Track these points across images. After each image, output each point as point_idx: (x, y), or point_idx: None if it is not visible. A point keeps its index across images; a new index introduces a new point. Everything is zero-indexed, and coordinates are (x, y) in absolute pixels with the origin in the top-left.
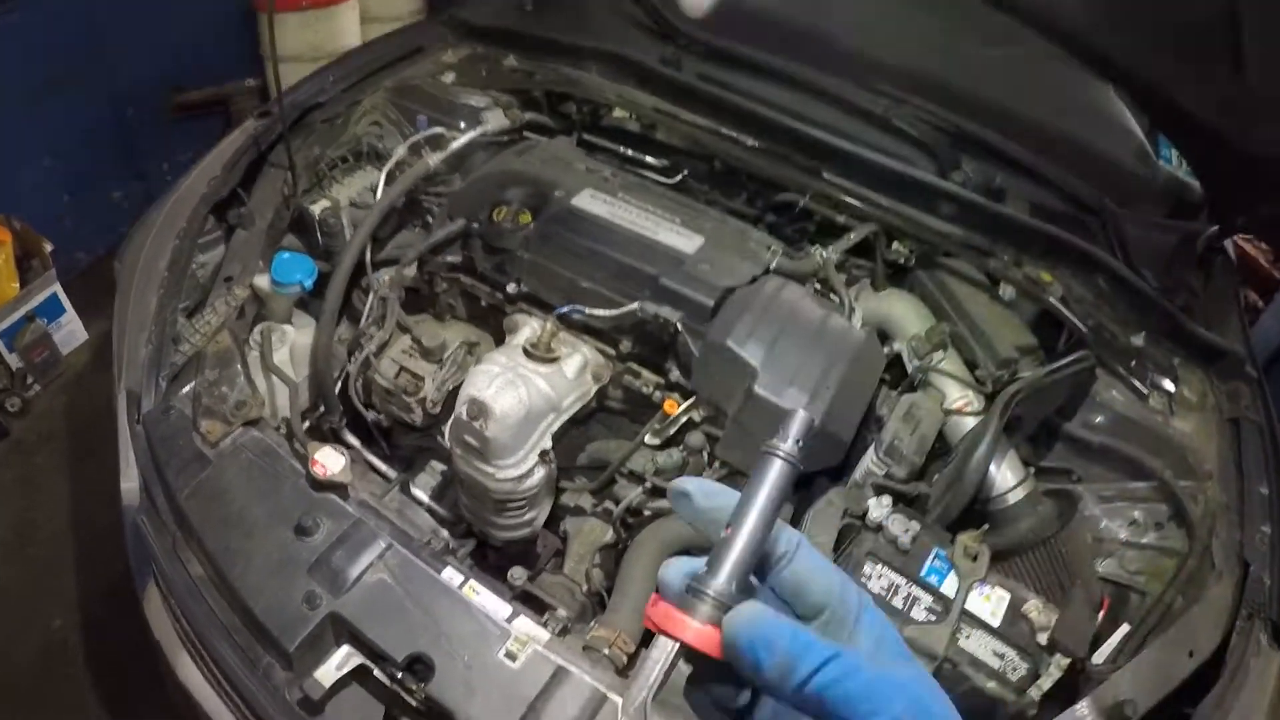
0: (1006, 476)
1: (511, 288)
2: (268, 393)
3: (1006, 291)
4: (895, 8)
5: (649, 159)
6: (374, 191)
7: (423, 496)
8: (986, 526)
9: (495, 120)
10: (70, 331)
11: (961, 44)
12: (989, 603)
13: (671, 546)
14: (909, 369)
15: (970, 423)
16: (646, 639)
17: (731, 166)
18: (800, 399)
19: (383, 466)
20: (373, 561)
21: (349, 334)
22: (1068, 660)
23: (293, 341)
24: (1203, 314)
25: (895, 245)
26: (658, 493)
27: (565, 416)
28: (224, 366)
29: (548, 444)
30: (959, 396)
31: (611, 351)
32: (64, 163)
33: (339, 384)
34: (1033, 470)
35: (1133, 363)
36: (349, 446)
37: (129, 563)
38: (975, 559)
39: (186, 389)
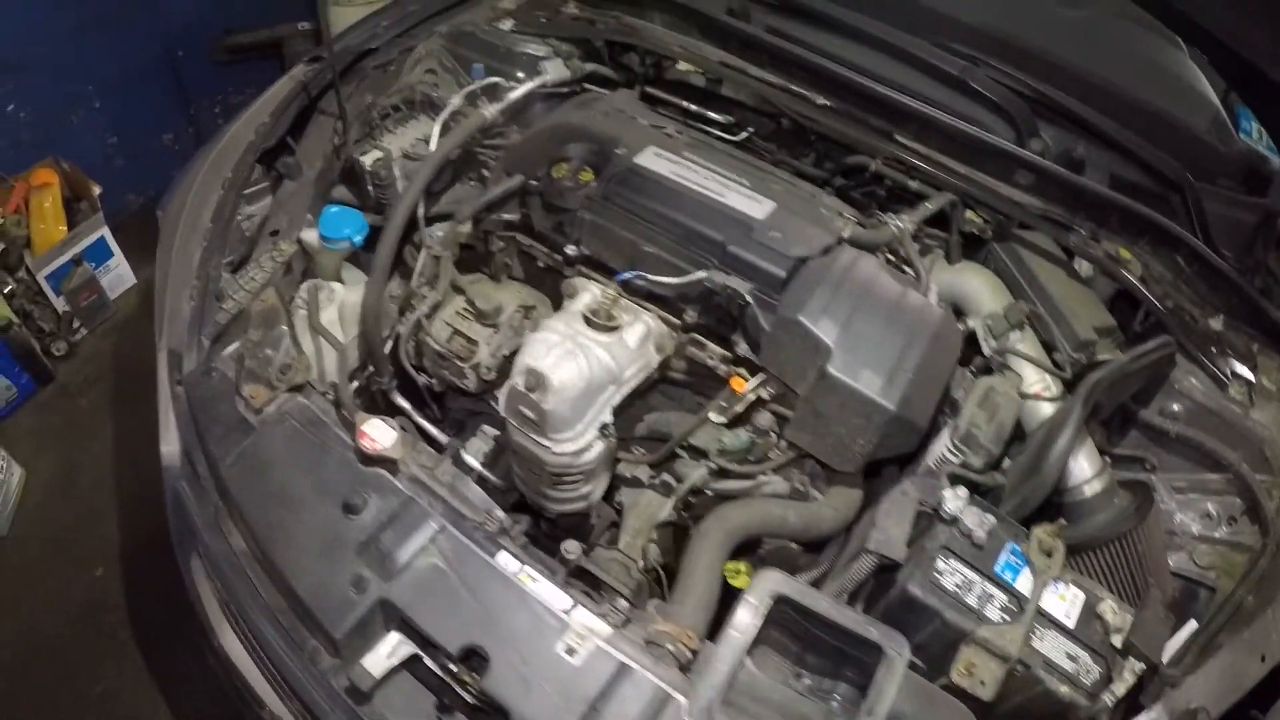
0: (1083, 467)
1: (571, 249)
2: (315, 355)
3: (1083, 268)
4: None
5: (713, 115)
6: (428, 142)
7: (475, 464)
8: (1063, 521)
9: (555, 71)
10: (118, 275)
11: (1039, 2)
12: (1064, 602)
13: (736, 535)
14: (984, 349)
15: (1046, 409)
16: (711, 634)
17: (800, 125)
18: (875, 381)
19: (434, 431)
20: (425, 544)
21: (400, 291)
22: (1141, 665)
23: (341, 300)
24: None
25: (970, 216)
26: (722, 473)
27: (627, 389)
28: (269, 326)
29: (608, 417)
30: (1036, 380)
31: (676, 321)
32: (113, 103)
33: (389, 345)
34: (1108, 461)
35: (1212, 348)
36: (399, 411)
37: (169, 524)
38: (1050, 555)
39: (230, 349)
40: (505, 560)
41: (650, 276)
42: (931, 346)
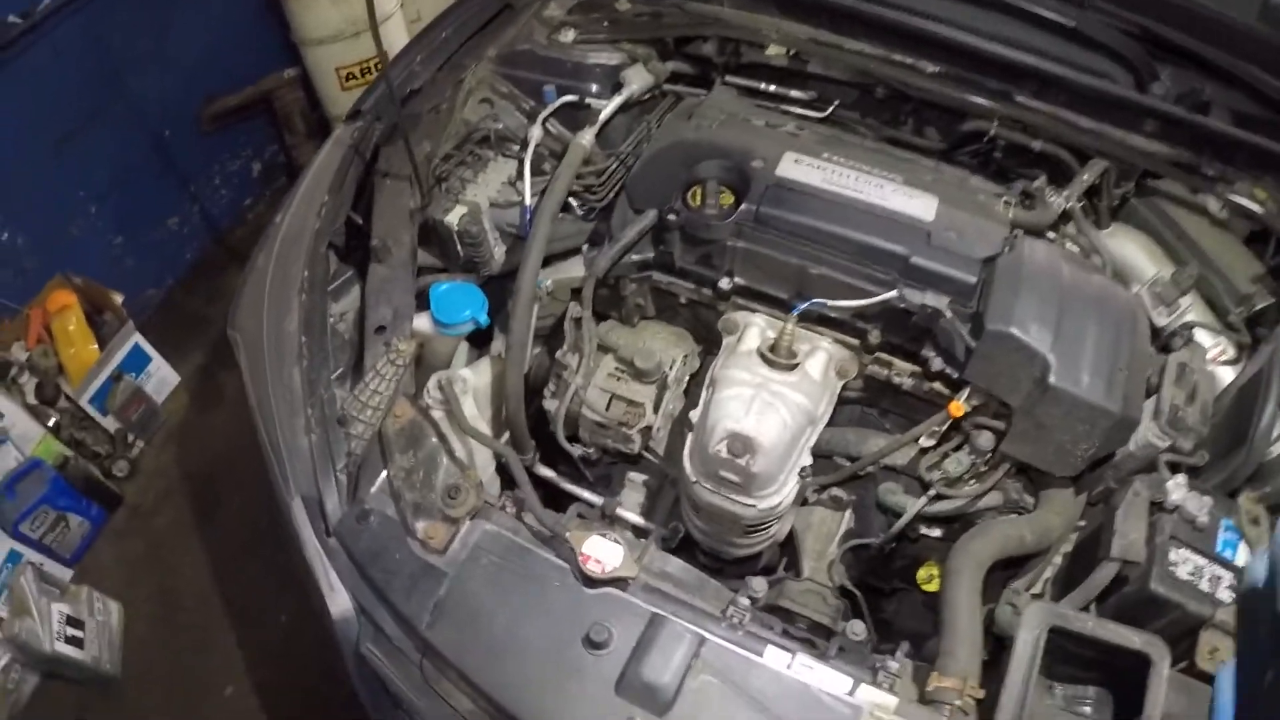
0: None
1: (725, 283)
2: (469, 459)
3: (1219, 212)
4: None
5: (794, 93)
6: (513, 185)
7: (635, 518)
8: (1266, 489)
9: (639, 79)
10: (161, 379)
11: None
12: None
13: (985, 567)
14: (1154, 320)
15: (1228, 373)
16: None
17: (895, 94)
18: (1098, 386)
19: (589, 496)
20: (688, 662)
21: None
22: None
23: (474, 387)
24: None
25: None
26: (938, 499)
27: (821, 425)
28: (415, 446)
29: (807, 460)
30: (1213, 344)
31: (854, 342)
32: (110, 204)
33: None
34: None
35: None
36: (544, 482)
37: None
38: (1257, 522)
39: (378, 483)
40: (775, 656)
41: (832, 302)
42: (1134, 336)
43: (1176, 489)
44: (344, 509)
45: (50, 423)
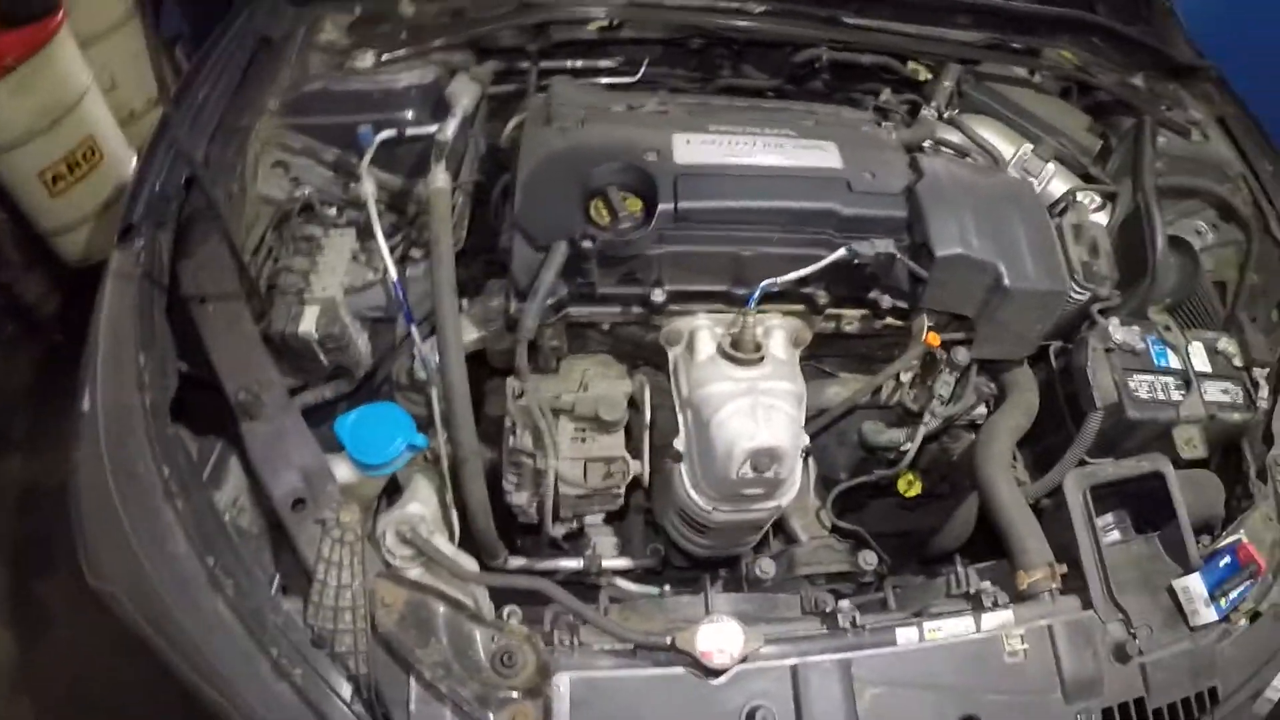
0: None
1: (658, 294)
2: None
3: (1037, 79)
4: None
5: (603, 63)
6: (360, 261)
7: (624, 564)
8: (1167, 300)
9: (468, 91)
10: None
11: None
12: (1198, 356)
13: (1009, 463)
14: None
15: (1103, 217)
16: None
17: (717, 40)
18: (1045, 276)
19: (565, 564)
20: (850, 689)
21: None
22: (1265, 369)
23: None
24: (1155, 32)
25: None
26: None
27: (805, 400)
28: (429, 629)
29: (806, 440)
30: (1084, 198)
31: (800, 308)
32: None
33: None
34: None
35: (1163, 107)
36: (516, 570)
37: None
38: (1169, 329)
39: (415, 697)
40: (906, 634)
41: (783, 278)
42: (1043, 214)
43: (1115, 330)
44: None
45: None
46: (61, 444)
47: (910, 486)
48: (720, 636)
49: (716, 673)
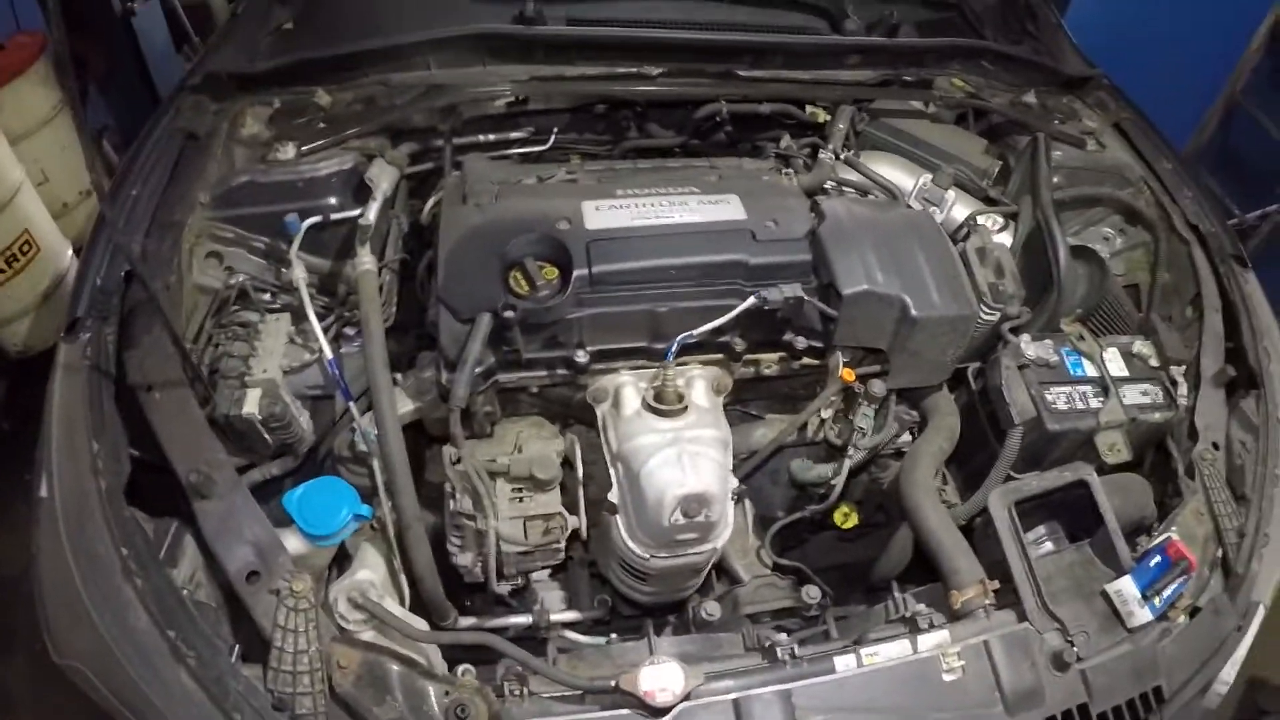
0: None
1: (580, 356)
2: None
3: (930, 110)
4: None
5: (513, 135)
6: (297, 342)
7: (573, 616)
8: (1079, 310)
9: (386, 175)
10: None
11: None
12: (1114, 362)
13: (933, 486)
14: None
15: (1005, 236)
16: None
17: (620, 104)
18: (951, 302)
19: (514, 620)
20: (786, 718)
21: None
22: (1183, 366)
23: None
24: (1044, 47)
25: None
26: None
27: (731, 444)
28: (383, 688)
29: (734, 482)
30: (987, 221)
31: (718, 357)
32: None
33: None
34: None
35: (1056, 121)
36: (464, 629)
37: None
38: (1083, 338)
39: None
40: (844, 662)
41: (698, 331)
42: (945, 243)
43: (1027, 346)
44: None
45: None
46: (13, 530)
47: (847, 519)
48: (662, 676)
49: (662, 711)
